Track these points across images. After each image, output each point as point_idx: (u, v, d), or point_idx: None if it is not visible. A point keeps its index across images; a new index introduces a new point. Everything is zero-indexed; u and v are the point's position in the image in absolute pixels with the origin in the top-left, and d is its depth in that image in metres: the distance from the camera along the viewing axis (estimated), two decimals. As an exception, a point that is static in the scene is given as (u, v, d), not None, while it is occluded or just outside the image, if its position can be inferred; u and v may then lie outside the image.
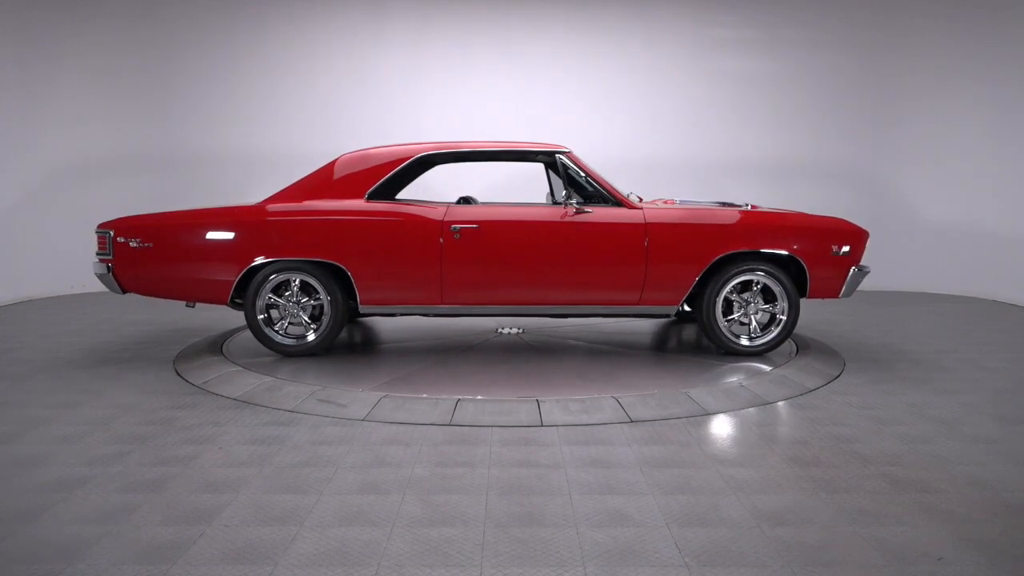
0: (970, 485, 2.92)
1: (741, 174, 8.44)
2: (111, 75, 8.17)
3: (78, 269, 8.17)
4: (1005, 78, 7.65)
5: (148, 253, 4.81)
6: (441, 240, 4.66)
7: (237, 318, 6.38)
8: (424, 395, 3.97)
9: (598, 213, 4.71)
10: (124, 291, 4.87)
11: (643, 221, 4.70)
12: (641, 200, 5.14)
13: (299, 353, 4.84)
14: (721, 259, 4.75)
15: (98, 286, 8.20)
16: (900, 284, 8.36)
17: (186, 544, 2.42)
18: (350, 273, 4.73)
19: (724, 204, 5.16)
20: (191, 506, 2.71)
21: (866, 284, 5.38)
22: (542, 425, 3.63)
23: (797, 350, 5.07)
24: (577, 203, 4.71)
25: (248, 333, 5.40)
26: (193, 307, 5.15)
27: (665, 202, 5.25)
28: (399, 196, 5.40)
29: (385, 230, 4.73)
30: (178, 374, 4.63)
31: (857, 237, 4.85)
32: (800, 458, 3.21)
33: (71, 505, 2.72)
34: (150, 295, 4.94)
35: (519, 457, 3.22)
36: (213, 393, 4.20)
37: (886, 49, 8.31)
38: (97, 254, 4.87)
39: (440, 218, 4.70)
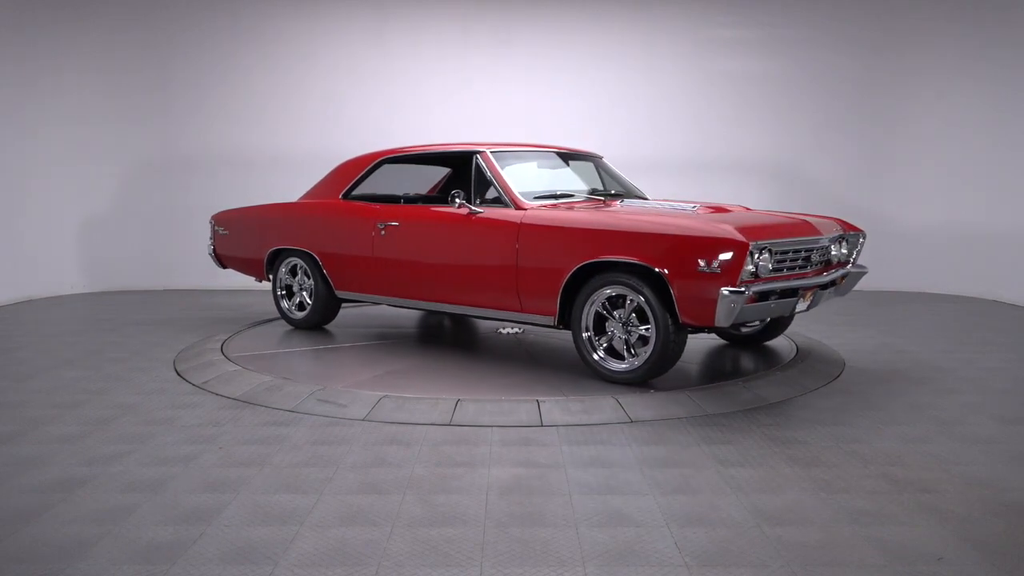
0: (970, 485, 2.92)
1: (741, 174, 8.44)
2: (112, 76, 8.16)
3: (79, 269, 8.19)
4: (1006, 78, 7.64)
5: (227, 239, 6.16)
6: (372, 235, 5.07)
7: (236, 319, 6.44)
8: (424, 395, 3.97)
9: (486, 213, 4.54)
10: (224, 267, 6.31)
11: (518, 222, 4.34)
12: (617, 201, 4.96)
13: (299, 325, 5.74)
14: (594, 267, 4.11)
15: (98, 286, 8.26)
16: (900, 284, 8.35)
17: (186, 544, 2.42)
18: (320, 261, 5.40)
19: (717, 205, 4.90)
20: (191, 506, 2.71)
21: (866, 284, 5.30)
22: (542, 425, 3.62)
23: (797, 350, 5.06)
24: (476, 203, 4.60)
25: (247, 333, 5.71)
26: (261, 282, 6.16)
27: (622, 203, 4.85)
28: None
29: (337, 226, 5.34)
30: (178, 374, 4.63)
31: (730, 249, 3.65)
32: (800, 458, 3.21)
33: (71, 505, 2.72)
34: (235, 271, 6.29)
35: (519, 457, 3.21)
36: (213, 393, 4.20)
37: (886, 49, 8.31)
38: (210, 238, 6.32)
39: (378, 215, 5.07)
